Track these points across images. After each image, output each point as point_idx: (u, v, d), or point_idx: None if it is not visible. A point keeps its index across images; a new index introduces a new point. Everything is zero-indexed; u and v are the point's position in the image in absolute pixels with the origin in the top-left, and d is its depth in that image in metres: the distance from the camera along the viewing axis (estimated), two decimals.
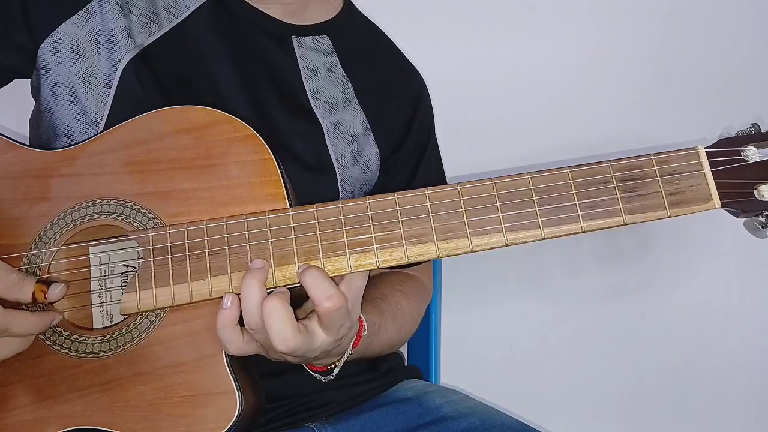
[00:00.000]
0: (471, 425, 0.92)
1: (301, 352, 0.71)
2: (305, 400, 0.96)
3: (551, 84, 1.40)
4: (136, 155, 0.78)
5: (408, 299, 1.02)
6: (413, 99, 1.09)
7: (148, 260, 0.74)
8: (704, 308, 1.49)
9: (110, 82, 0.89)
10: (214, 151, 0.77)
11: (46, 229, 0.78)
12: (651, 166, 0.72)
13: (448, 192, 0.73)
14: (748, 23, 1.39)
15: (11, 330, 0.70)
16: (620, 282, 1.48)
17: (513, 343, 1.51)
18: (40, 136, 0.93)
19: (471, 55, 1.39)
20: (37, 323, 0.73)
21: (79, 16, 0.91)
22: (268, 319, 0.68)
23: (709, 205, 0.71)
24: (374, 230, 0.72)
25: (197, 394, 0.72)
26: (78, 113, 0.89)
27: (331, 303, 0.69)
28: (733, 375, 1.51)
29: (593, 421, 1.54)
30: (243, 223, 0.74)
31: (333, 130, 0.99)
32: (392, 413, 0.97)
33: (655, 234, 1.44)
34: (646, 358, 1.51)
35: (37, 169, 0.80)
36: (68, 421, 0.73)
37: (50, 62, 0.90)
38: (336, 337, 0.73)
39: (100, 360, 0.75)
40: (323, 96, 1.00)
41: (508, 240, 0.72)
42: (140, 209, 0.77)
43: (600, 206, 0.71)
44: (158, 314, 0.75)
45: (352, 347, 0.82)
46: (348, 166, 0.99)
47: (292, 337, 0.68)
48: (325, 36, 1.03)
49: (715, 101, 1.39)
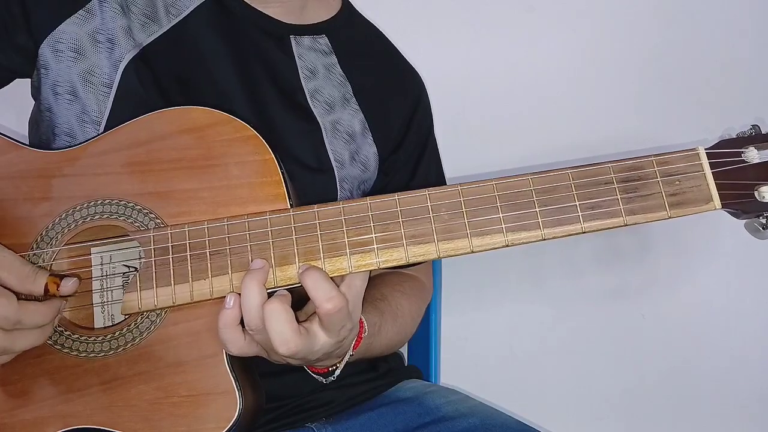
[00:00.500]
0: (471, 425, 0.93)
1: (302, 354, 0.71)
2: (305, 400, 0.96)
3: (551, 84, 1.40)
4: (137, 156, 0.78)
5: (408, 299, 1.02)
6: (412, 100, 1.09)
7: (149, 260, 0.74)
8: (704, 308, 1.49)
9: (111, 82, 0.90)
10: (215, 151, 0.77)
11: (48, 229, 0.78)
12: (651, 167, 0.72)
13: (449, 192, 0.73)
14: (748, 23, 1.39)
15: (24, 321, 0.70)
16: (620, 283, 1.48)
17: (513, 344, 1.51)
18: (40, 135, 0.93)
19: (471, 55, 1.39)
20: (47, 313, 0.73)
21: (79, 16, 0.91)
22: (269, 322, 0.68)
23: (710, 206, 0.71)
24: (375, 230, 0.73)
25: (198, 393, 0.72)
26: (79, 112, 0.89)
27: (332, 304, 0.69)
28: (733, 375, 1.51)
29: (593, 421, 1.54)
30: (244, 223, 0.74)
31: (331, 129, 0.99)
32: (392, 413, 0.97)
33: (656, 235, 1.44)
34: (646, 359, 1.51)
35: (39, 169, 0.80)
36: (69, 421, 0.73)
37: (51, 62, 0.90)
38: (337, 339, 0.73)
39: (101, 359, 0.75)
40: (321, 96, 1.00)
41: (508, 240, 0.72)
42: (141, 209, 0.77)
43: (600, 207, 0.71)
44: (159, 314, 0.75)
45: (353, 348, 0.82)
46: (346, 165, 1.00)
47: (293, 340, 0.69)
48: (323, 36, 1.03)
49: (716, 102, 1.39)
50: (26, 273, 0.73)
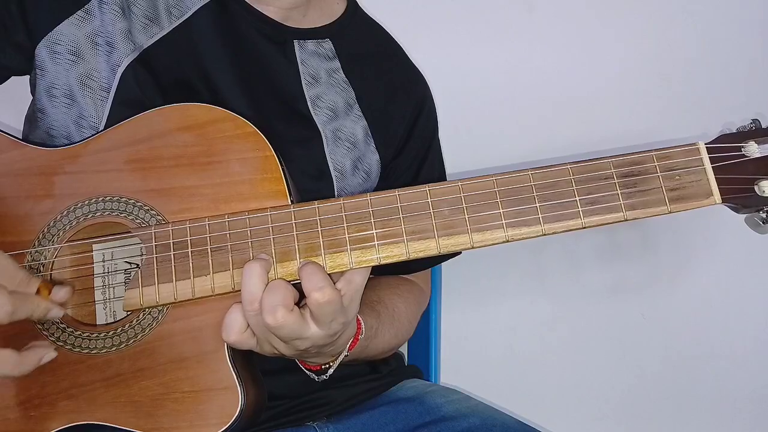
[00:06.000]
0: (471, 425, 0.93)
1: (292, 335, 0.71)
2: (307, 399, 0.96)
3: (552, 80, 1.40)
4: (138, 153, 0.79)
5: (405, 303, 1.02)
6: (416, 104, 1.07)
7: (151, 257, 0.74)
8: (704, 308, 1.49)
9: (109, 86, 0.89)
10: (216, 148, 0.77)
11: (50, 226, 0.78)
12: (651, 161, 0.72)
13: (449, 188, 0.73)
14: (749, 20, 1.39)
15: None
16: (621, 281, 1.48)
17: (513, 343, 1.51)
18: (35, 137, 0.92)
19: (472, 52, 1.39)
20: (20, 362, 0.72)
21: (78, 16, 0.90)
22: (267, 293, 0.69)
23: (710, 200, 0.71)
24: (375, 226, 0.73)
25: (200, 389, 0.73)
26: (76, 117, 0.88)
27: (320, 294, 0.68)
28: (732, 374, 1.51)
29: (593, 421, 1.54)
30: (245, 219, 0.74)
31: (332, 137, 0.98)
32: (393, 413, 0.97)
33: (656, 232, 1.44)
34: (647, 358, 1.51)
35: (41, 166, 0.80)
36: (71, 417, 0.73)
37: (47, 63, 0.89)
38: (328, 332, 0.72)
39: (104, 356, 0.75)
40: (323, 102, 0.98)
41: (508, 236, 0.72)
42: (143, 206, 0.77)
43: (600, 202, 0.71)
44: (161, 310, 0.75)
45: (349, 349, 0.82)
46: (347, 174, 0.99)
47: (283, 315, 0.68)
48: (327, 40, 1.01)
49: (716, 97, 1.39)
50: (21, 276, 0.73)
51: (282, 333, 0.70)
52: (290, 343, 0.72)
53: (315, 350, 0.76)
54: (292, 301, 0.70)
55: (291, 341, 0.72)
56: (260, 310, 0.69)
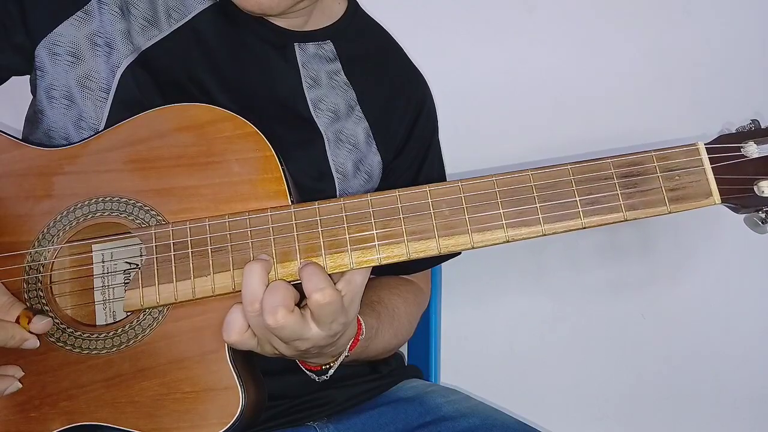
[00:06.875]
0: (471, 425, 0.93)
1: (293, 336, 0.71)
2: (307, 399, 0.96)
3: (552, 81, 1.40)
4: (138, 153, 0.79)
5: (405, 304, 1.02)
6: (416, 105, 1.07)
7: (151, 257, 0.74)
8: (704, 308, 1.49)
9: (108, 87, 0.88)
10: (216, 148, 0.77)
11: (50, 226, 0.78)
12: (651, 162, 0.72)
13: (449, 188, 0.73)
14: (749, 20, 1.39)
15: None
16: (621, 281, 1.48)
17: (513, 343, 1.51)
18: (34, 138, 0.92)
19: (472, 53, 1.39)
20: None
21: (78, 17, 0.89)
22: (267, 294, 0.69)
23: (710, 201, 0.71)
24: (376, 227, 0.73)
25: (200, 390, 0.73)
26: (75, 118, 0.88)
27: (320, 295, 0.68)
28: (732, 375, 1.51)
29: (593, 420, 1.54)
30: (245, 220, 0.74)
31: (334, 139, 0.98)
32: (393, 412, 0.97)
33: (656, 232, 1.45)
34: (647, 358, 1.51)
35: (40, 166, 0.80)
36: (72, 418, 0.73)
37: (47, 64, 0.89)
38: (328, 333, 0.72)
39: (104, 356, 0.75)
40: (325, 104, 0.98)
41: (509, 236, 0.72)
42: (143, 206, 0.77)
43: (600, 202, 0.71)
44: (161, 311, 0.75)
45: (349, 350, 0.82)
46: (349, 176, 0.99)
47: (284, 316, 0.68)
48: (328, 41, 1.01)
49: (715, 98, 1.39)
50: (2, 302, 0.74)
51: (282, 334, 0.70)
52: (291, 344, 0.72)
53: (316, 351, 0.76)
54: (293, 301, 0.70)
55: (291, 342, 0.72)
56: (261, 311, 0.69)
